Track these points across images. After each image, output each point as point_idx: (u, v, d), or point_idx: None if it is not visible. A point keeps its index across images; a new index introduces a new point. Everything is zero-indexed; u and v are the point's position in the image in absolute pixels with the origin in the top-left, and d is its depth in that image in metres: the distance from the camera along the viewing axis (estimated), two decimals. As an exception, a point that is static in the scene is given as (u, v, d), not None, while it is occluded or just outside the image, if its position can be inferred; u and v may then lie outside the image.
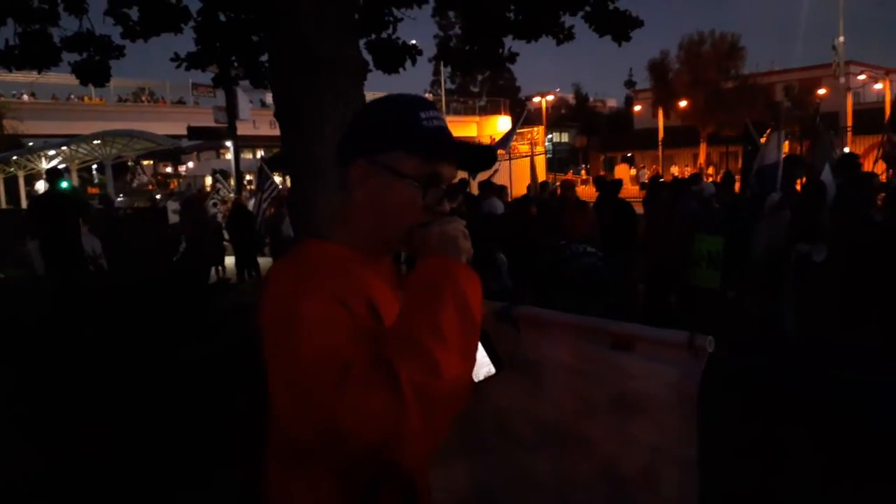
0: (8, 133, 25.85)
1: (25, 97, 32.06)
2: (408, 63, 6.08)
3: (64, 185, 7.77)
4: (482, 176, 7.59)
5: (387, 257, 1.26)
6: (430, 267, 1.08)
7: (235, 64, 6.80)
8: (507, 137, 11.62)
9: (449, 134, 1.22)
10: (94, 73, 6.33)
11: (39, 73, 6.49)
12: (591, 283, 5.45)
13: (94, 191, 19.23)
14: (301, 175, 3.80)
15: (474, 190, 8.75)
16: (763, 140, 7.12)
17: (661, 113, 39.38)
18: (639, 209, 7.44)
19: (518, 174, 21.24)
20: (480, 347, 1.22)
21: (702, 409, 1.34)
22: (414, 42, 6.15)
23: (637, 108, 48.59)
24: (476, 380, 1.23)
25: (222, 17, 6.29)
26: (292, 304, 1.02)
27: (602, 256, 5.53)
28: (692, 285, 6.03)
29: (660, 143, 38.10)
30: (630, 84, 58.50)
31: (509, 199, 8.47)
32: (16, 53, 6.01)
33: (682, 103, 37.45)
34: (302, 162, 3.68)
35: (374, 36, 6.19)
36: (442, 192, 1.19)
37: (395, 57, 6.08)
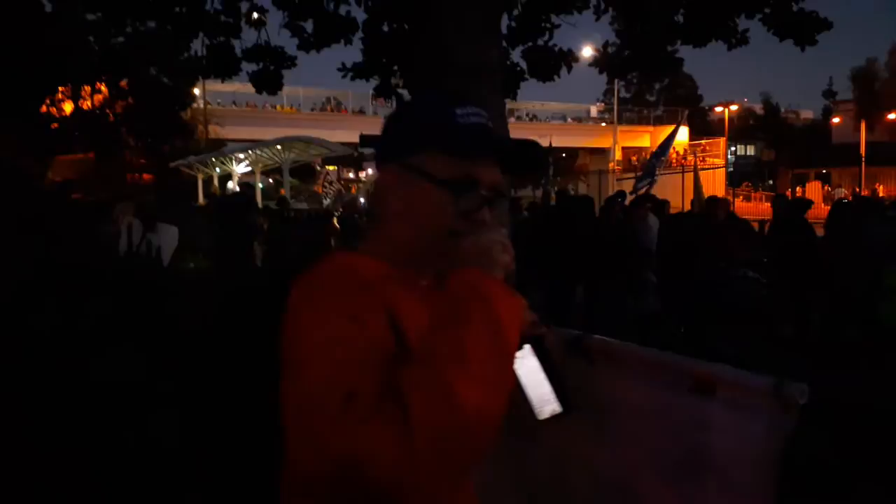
0: (211, 137, 28.92)
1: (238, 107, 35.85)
2: (582, 71, 5.88)
3: (259, 185, 8.53)
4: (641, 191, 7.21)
5: (426, 275, 1.11)
6: (458, 283, 0.95)
7: (398, 74, 7.01)
8: (665, 146, 10.93)
9: (488, 131, 1.08)
10: (268, 81, 6.80)
11: (223, 81, 7.11)
12: (748, 311, 4.96)
13: (283, 192, 21.03)
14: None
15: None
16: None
17: (863, 126, 35.47)
18: (821, 232, 6.64)
19: (691, 188, 20.11)
20: (547, 382, 1.11)
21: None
22: (570, 48, 5.95)
23: (836, 120, 44.19)
24: (539, 417, 1.12)
25: (385, 28, 6.51)
26: (299, 322, 0.94)
27: (766, 283, 5.01)
28: (877, 322, 5.27)
29: (862, 160, 34.33)
30: (829, 94, 53.32)
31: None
32: (203, 64, 6.62)
33: (891, 115, 33.47)
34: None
35: (530, 43, 6.09)
36: (480, 197, 1.05)
37: (549, 64, 5.93)
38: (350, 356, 0.88)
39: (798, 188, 36.37)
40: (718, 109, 45.99)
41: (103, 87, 18.91)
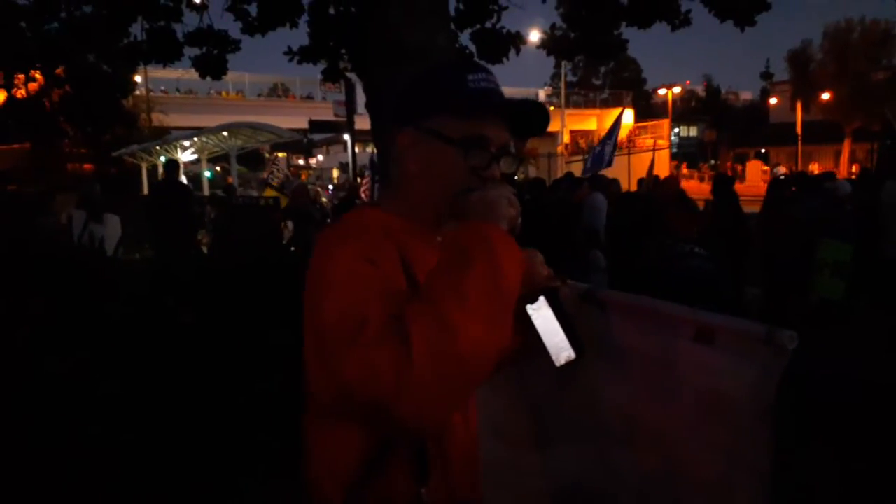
0: (155, 125, 28.08)
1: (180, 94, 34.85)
2: (530, 56, 5.95)
3: (207, 174, 8.29)
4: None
5: (441, 231, 1.19)
6: (463, 231, 1.03)
7: (345, 57, 6.92)
8: (613, 131, 11.10)
9: (496, 94, 1.17)
10: (212, 66, 6.65)
11: (165, 67, 6.91)
12: (698, 288, 5.10)
13: (231, 180, 20.55)
14: (387, 167, 3.78)
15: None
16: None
17: (799, 106, 36.65)
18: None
19: (638, 170, 20.49)
20: (561, 331, 1.20)
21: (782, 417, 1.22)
22: (517, 31, 5.99)
23: (773, 100, 45.54)
24: (556, 364, 1.21)
25: (332, 11, 6.43)
26: (323, 263, 1.03)
27: (711, 259, 5.16)
28: (813, 295, 5.48)
29: (798, 139, 35.50)
30: (767, 76, 54.84)
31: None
32: (143, 49, 6.43)
33: (825, 96, 34.66)
34: (385, 154, 3.65)
35: (478, 26, 6.10)
36: (489, 155, 1.14)
37: (498, 46, 5.96)
38: (365, 291, 0.96)
39: (738, 166, 37.47)
40: (662, 92, 46.81)
41: (38, 76, 18.14)
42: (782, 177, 9.47)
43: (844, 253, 5.26)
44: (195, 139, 19.43)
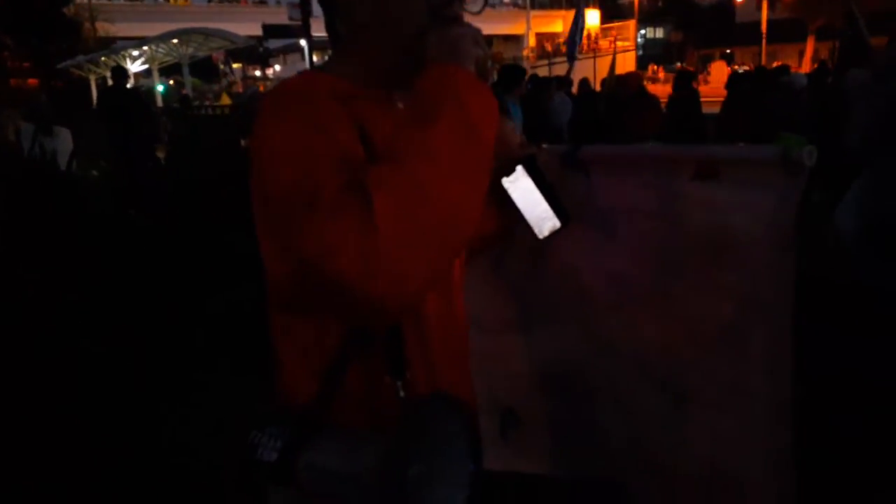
0: (101, 35, 26.68)
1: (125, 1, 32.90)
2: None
3: (160, 88, 7.97)
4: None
5: (401, 96, 1.03)
6: (425, 78, 0.88)
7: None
8: (573, 31, 10.87)
9: None
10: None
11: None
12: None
13: (184, 91, 19.79)
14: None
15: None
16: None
17: (765, 4, 36.14)
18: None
19: (603, 72, 20.27)
20: (543, 200, 1.11)
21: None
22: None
23: (739, -1, 44.79)
24: (540, 236, 1.13)
25: None
26: (265, 134, 0.90)
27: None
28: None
29: (763, 38, 35.20)
30: (734, -28, 53.69)
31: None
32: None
33: (791, -8, 34.20)
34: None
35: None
36: None
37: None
38: (317, 158, 0.84)
39: (709, 66, 37.21)
40: (628, -9, 45.68)
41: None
42: (741, 71, 9.46)
43: (800, 144, 5.34)
44: (144, 48, 18.58)
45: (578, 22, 10.74)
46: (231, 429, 1.02)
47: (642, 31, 48.39)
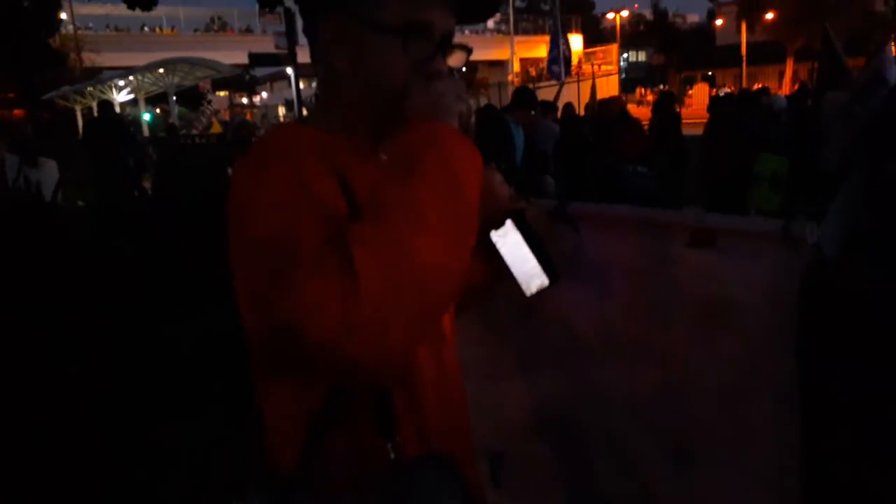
0: (87, 66, 26.73)
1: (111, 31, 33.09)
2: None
3: (146, 117, 7.99)
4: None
5: (384, 146, 1.00)
6: (408, 133, 0.86)
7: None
8: (552, 51, 11.02)
9: None
10: (141, -3, 6.35)
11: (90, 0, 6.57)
12: (637, 204, 5.20)
13: (171, 120, 19.84)
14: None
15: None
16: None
17: (744, 26, 36.83)
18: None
19: (587, 96, 20.51)
20: (532, 256, 1.07)
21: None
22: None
23: (719, 22, 45.64)
24: (527, 293, 1.09)
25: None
26: (244, 192, 0.88)
27: (654, 177, 5.28)
28: (751, 208, 5.66)
29: (743, 60, 35.83)
30: (713, -3, 54.78)
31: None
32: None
33: (769, 15, 34.86)
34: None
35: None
36: (433, 44, 0.95)
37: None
38: (297, 216, 0.81)
39: (688, 88, 37.77)
40: (610, 16, 46.42)
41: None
42: (724, 94, 9.62)
43: (781, 165, 5.41)
44: (130, 78, 18.60)
45: (558, 43, 10.90)
46: (212, 495, 0.99)
47: (625, 55, 49.10)
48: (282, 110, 41.99)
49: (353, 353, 0.73)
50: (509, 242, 1.09)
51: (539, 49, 43.56)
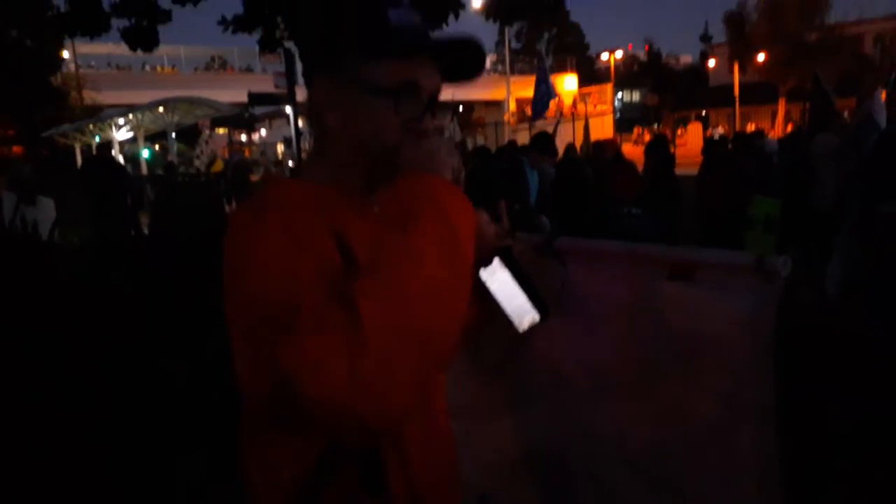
0: (87, 104, 26.98)
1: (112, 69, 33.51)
2: (471, 21, 5.91)
3: (145, 153, 8.04)
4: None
5: (377, 200, 1.02)
6: (403, 186, 0.88)
7: (281, 26, 6.78)
8: (537, 92, 11.19)
9: (424, 32, 1.01)
10: (142, 38, 6.43)
11: (92, 39, 6.67)
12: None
13: (170, 158, 19.99)
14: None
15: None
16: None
17: (736, 67, 37.44)
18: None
19: (582, 136, 20.73)
20: (521, 293, 1.07)
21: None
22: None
23: (711, 63, 46.42)
24: (520, 329, 1.09)
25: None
26: (242, 249, 0.88)
27: (649, 218, 5.30)
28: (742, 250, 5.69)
29: (736, 100, 36.34)
30: (706, 38, 55.79)
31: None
32: (68, 21, 6.17)
33: (760, 57, 35.49)
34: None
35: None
36: (422, 104, 0.98)
37: (436, 10, 5.92)
38: (295, 273, 0.82)
39: (680, 129, 38.23)
40: (605, 57, 47.22)
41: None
42: (718, 137, 9.76)
43: (774, 207, 5.45)
44: (130, 116, 18.78)
45: (544, 82, 11.05)
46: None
47: (619, 95, 49.84)
48: (280, 147, 42.28)
49: (360, 410, 0.73)
50: (498, 280, 1.10)
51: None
